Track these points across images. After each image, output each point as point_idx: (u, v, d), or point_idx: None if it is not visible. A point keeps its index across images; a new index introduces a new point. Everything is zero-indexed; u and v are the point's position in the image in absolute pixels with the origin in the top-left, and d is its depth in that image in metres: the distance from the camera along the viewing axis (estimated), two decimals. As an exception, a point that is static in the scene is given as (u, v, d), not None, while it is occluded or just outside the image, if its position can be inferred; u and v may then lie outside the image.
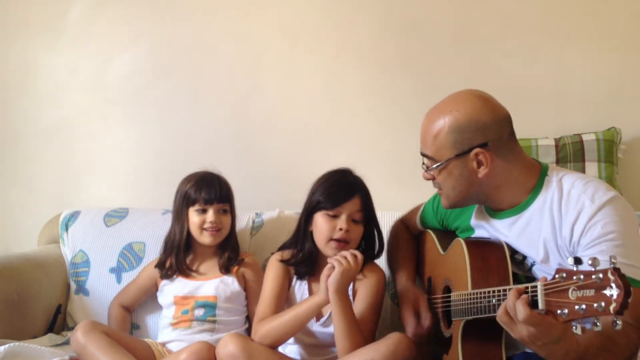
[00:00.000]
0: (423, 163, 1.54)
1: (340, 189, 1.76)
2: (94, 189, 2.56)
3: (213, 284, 1.94)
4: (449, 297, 1.55)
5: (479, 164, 1.44)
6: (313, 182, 1.81)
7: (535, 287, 1.16)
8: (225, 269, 1.95)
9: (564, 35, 2.25)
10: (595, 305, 1.02)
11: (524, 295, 1.18)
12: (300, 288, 1.81)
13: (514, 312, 1.18)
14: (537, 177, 1.48)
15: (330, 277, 1.62)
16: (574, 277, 1.07)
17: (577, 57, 2.23)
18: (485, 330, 1.41)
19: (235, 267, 1.96)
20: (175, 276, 1.97)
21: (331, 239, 1.72)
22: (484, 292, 1.36)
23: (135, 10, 2.53)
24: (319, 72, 2.41)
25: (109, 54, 2.55)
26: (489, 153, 1.43)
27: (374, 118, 2.38)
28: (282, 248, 1.87)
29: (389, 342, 1.57)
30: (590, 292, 1.04)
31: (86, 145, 2.57)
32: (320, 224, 1.74)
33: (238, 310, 1.96)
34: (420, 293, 1.72)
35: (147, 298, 2.07)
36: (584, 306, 1.04)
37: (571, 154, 2.08)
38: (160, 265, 1.99)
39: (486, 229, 1.57)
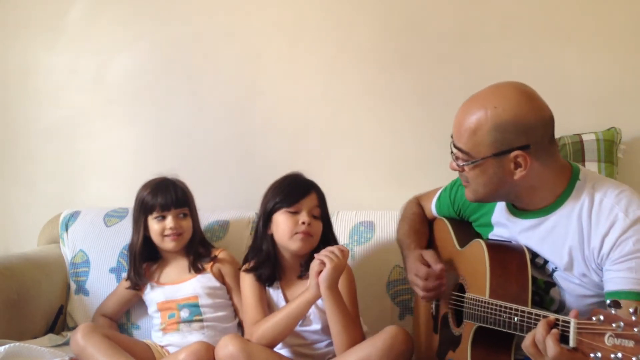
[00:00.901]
0: (452, 152, 1.47)
1: (297, 187, 1.81)
2: (94, 189, 2.56)
3: (190, 285, 1.95)
4: (463, 297, 1.52)
5: (517, 165, 1.37)
6: (265, 191, 1.86)
7: (568, 323, 1.12)
8: (195, 269, 1.96)
9: (564, 35, 2.24)
10: (633, 358, 0.99)
11: (555, 331, 1.14)
12: (275, 293, 1.83)
13: (543, 346, 1.14)
14: (568, 180, 1.43)
15: (321, 273, 1.63)
16: (613, 325, 1.03)
17: (577, 57, 2.23)
18: (497, 337, 1.39)
19: (210, 264, 1.97)
20: (153, 283, 1.98)
21: (296, 233, 1.75)
22: (506, 307, 1.32)
23: (135, 10, 2.53)
24: (319, 72, 2.41)
25: (109, 54, 2.55)
26: (529, 156, 1.36)
27: (374, 118, 2.38)
28: (244, 260, 1.88)
29: (385, 336, 1.58)
30: (630, 344, 1.00)
31: (86, 145, 2.57)
32: (282, 221, 1.77)
33: (222, 304, 1.96)
34: (429, 249, 1.66)
35: (130, 307, 2.08)
36: (620, 355, 1.01)
37: (571, 154, 2.08)
38: (128, 277, 2.00)
39: (508, 227, 1.53)
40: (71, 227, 2.28)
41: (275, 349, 1.74)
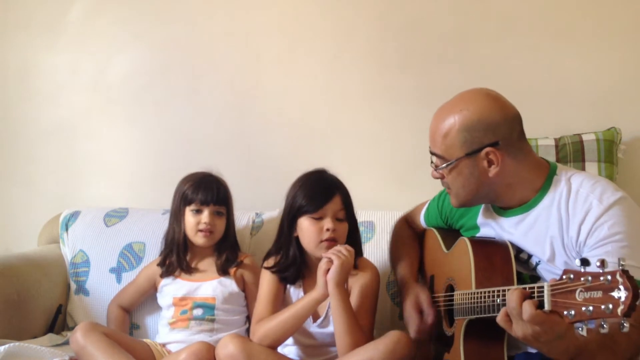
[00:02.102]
0: (432, 162, 1.53)
1: (320, 190, 1.76)
2: (94, 189, 2.56)
3: (211, 285, 1.94)
4: (452, 295, 1.55)
5: (490, 163, 1.44)
6: (289, 187, 1.81)
7: (542, 287, 1.15)
8: (223, 271, 1.95)
9: (564, 35, 2.24)
10: (602, 307, 1.01)
11: (530, 299, 1.17)
12: (295, 292, 1.81)
13: (518, 312, 1.17)
14: (546, 175, 1.48)
15: (329, 271, 1.63)
16: (582, 279, 1.06)
17: (577, 57, 2.23)
18: (487, 329, 1.40)
19: (234, 269, 1.96)
20: (174, 276, 1.97)
21: (321, 241, 1.72)
22: (488, 292, 1.35)
23: (135, 10, 2.53)
24: (319, 72, 2.41)
25: (109, 54, 2.56)
26: (499, 152, 1.42)
27: (374, 118, 2.38)
28: (267, 255, 1.86)
29: (387, 340, 1.57)
30: (598, 294, 1.03)
31: (86, 145, 2.58)
32: (306, 228, 1.74)
33: (237, 311, 1.96)
34: (423, 289, 1.70)
35: (146, 299, 2.07)
36: (591, 308, 1.03)
37: (571, 154, 2.08)
38: (161, 263, 1.99)
39: (492, 227, 1.57)
40: (71, 227, 2.28)
41: (284, 345, 1.73)
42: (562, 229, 1.42)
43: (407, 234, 1.91)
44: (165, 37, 2.51)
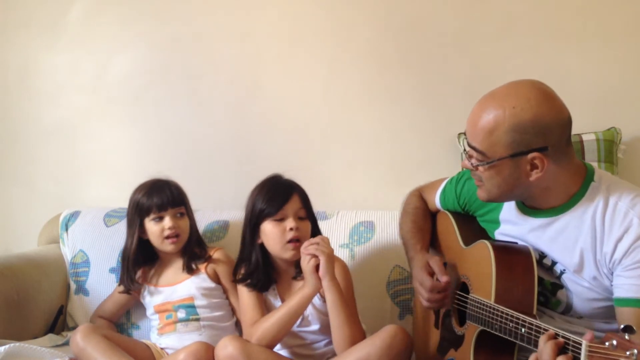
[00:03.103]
0: (465, 150, 1.45)
1: (278, 192, 1.77)
2: (94, 189, 2.56)
3: (185, 286, 1.94)
4: (467, 297, 1.51)
5: (533, 167, 1.34)
6: (248, 196, 1.83)
7: (579, 345, 1.09)
8: (189, 270, 1.95)
9: (564, 35, 2.24)
10: None
11: (569, 355, 1.12)
12: (272, 299, 1.82)
13: None
14: (582, 180, 1.40)
15: (320, 267, 1.64)
16: (627, 352, 1.01)
17: (577, 57, 2.23)
18: (499, 340, 1.38)
19: (204, 264, 1.96)
20: (147, 286, 1.97)
21: (286, 242, 1.73)
22: (512, 316, 1.30)
23: (135, 10, 2.53)
24: (319, 72, 2.41)
25: (109, 54, 2.55)
26: (546, 158, 1.33)
27: (374, 118, 2.38)
28: (235, 270, 1.86)
29: (384, 335, 1.58)
30: None
31: (86, 145, 2.57)
32: (270, 231, 1.75)
33: (219, 304, 1.95)
34: (434, 257, 1.63)
35: (129, 309, 2.09)
36: None
37: (571, 154, 2.08)
38: (121, 280, 1.99)
39: (516, 225, 1.50)
40: (71, 227, 2.28)
41: (274, 350, 1.73)
42: (596, 242, 1.35)
43: (421, 206, 1.81)
44: (165, 37, 2.51)
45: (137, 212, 1.94)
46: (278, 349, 1.76)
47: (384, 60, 2.36)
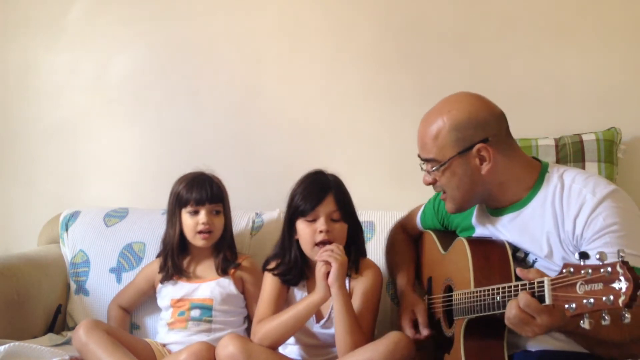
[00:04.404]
0: (422, 168, 1.56)
1: (312, 192, 1.74)
2: (94, 189, 2.56)
3: (209, 287, 1.94)
4: (451, 296, 1.55)
5: (482, 160, 1.46)
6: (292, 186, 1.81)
7: (542, 282, 1.16)
8: (222, 271, 1.95)
9: (564, 35, 2.24)
10: (603, 298, 1.02)
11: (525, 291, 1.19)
12: (299, 293, 1.80)
13: (533, 308, 1.17)
14: (538, 173, 1.50)
15: (330, 274, 1.62)
16: (582, 272, 1.07)
17: (577, 57, 2.23)
18: (487, 328, 1.41)
19: (233, 270, 1.95)
20: (173, 279, 1.96)
21: (315, 244, 1.71)
22: (488, 290, 1.36)
23: (135, 10, 2.53)
24: (319, 72, 2.41)
25: (109, 54, 2.55)
26: (491, 148, 1.45)
27: (374, 118, 2.38)
28: (270, 258, 1.85)
29: (387, 341, 1.57)
30: (599, 286, 1.04)
31: (86, 145, 2.57)
32: (302, 230, 1.74)
33: (235, 312, 1.96)
34: (419, 300, 1.71)
35: (146, 299, 2.07)
36: (592, 300, 1.04)
37: (571, 154, 2.08)
38: (161, 268, 1.99)
39: (487, 227, 1.58)
40: (71, 227, 2.28)
41: (285, 344, 1.73)
42: (558, 224, 1.43)
43: (403, 239, 1.92)
44: (165, 37, 2.51)
45: (177, 202, 1.95)
46: (291, 343, 1.75)
47: (384, 60, 2.36)
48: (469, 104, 1.49)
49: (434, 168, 1.51)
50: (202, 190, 1.93)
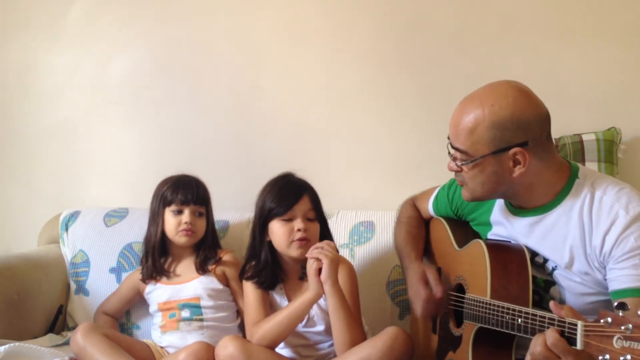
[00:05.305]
0: (450, 153, 1.47)
1: (289, 192, 1.77)
2: (94, 189, 2.56)
3: (192, 286, 1.94)
4: (463, 297, 1.52)
5: (516, 163, 1.37)
6: (258, 193, 1.83)
7: (575, 324, 1.12)
8: (202, 269, 1.95)
9: (564, 35, 2.24)
10: None
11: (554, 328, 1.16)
12: (279, 297, 1.82)
13: (560, 348, 1.14)
14: (567, 178, 1.43)
15: (322, 271, 1.63)
16: (622, 327, 1.03)
17: (577, 57, 2.23)
18: (497, 337, 1.39)
19: (214, 266, 1.96)
20: (154, 282, 1.97)
21: (292, 241, 1.73)
22: (507, 308, 1.32)
23: (135, 10, 2.53)
24: (319, 72, 2.41)
25: (109, 54, 2.55)
26: (528, 153, 1.36)
27: (374, 118, 2.38)
28: (244, 266, 1.86)
29: (385, 337, 1.58)
30: (639, 346, 1.01)
31: (86, 145, 2.57)
32: (277, 230, 1.75)
33: (224, 306, 1.96)
34: (430, 267, 1.65)
35: (132, 307, 2.08)
36: (629, 357, 1.01)
37: (571, 154, 2.08)
38: (142, 266, 2.00)
39: (506, 227, 1.53)
40: (71, 227, 2.28)
41: (277, 349, 1.73)
42: (585, 237, 1.37)
43: (414, 216, 1.84)
44: (165, 37, 2.51)
45: (161, 203, 1.96)
46: (280, 348, 1.76)
47: (384, 59, 2.36)
48: (515, 101, 1.36)
49: (463, 162, 1.41)
50: (187, 191, 1.95)
